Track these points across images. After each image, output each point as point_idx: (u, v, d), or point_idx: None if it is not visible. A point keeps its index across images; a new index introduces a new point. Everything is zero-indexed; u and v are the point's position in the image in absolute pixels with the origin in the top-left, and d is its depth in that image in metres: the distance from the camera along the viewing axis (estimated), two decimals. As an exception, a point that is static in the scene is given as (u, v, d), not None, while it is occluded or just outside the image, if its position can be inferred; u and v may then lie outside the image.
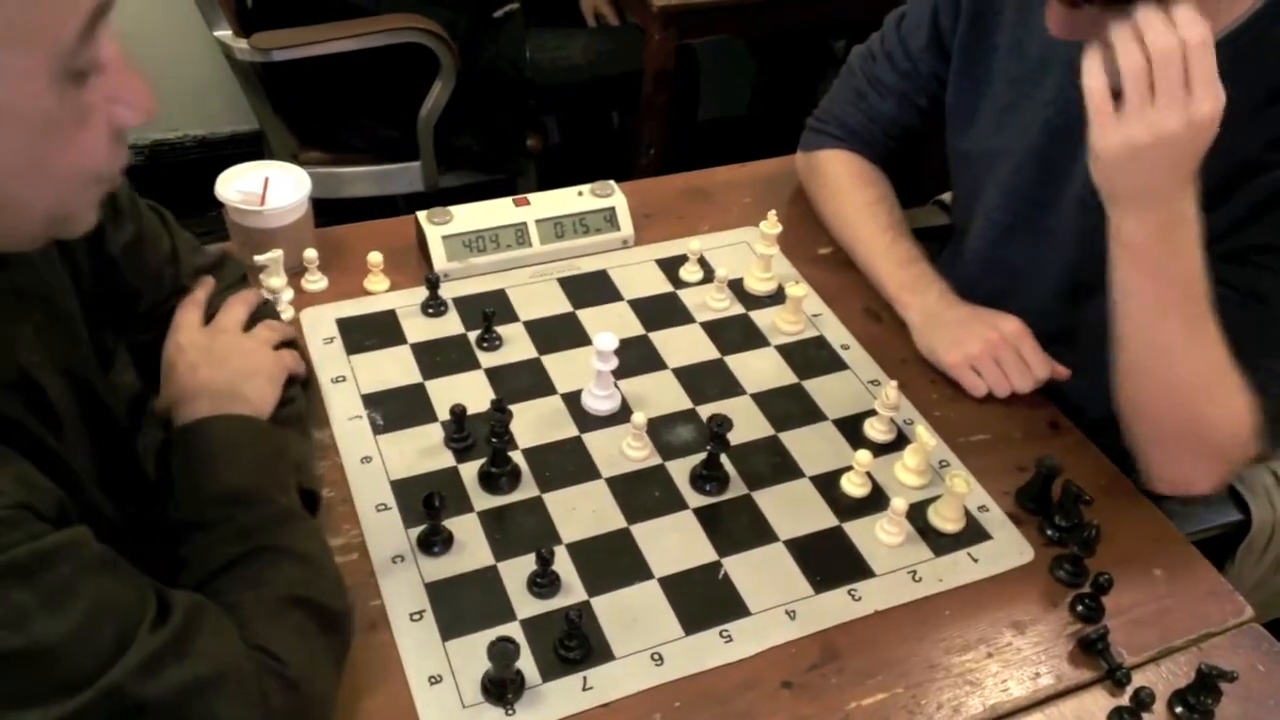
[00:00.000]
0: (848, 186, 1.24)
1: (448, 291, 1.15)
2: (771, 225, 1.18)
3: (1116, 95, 0.81)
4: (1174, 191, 0.83)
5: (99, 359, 0.82)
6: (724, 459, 0.97)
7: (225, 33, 1.80)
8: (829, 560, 0.92)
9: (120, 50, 0.62)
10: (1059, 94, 1.02)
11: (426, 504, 0.87)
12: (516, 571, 0.88)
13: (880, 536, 0.94)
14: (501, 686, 0.79)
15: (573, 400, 1.04)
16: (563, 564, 0.89)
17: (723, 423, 0.94)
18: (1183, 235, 0.85)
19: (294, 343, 0.98)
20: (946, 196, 1.56)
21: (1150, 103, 0.78)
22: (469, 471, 0.96)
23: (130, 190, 0.90)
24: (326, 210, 1.75)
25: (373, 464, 0.96)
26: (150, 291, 0.91)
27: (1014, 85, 1.08)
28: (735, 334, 1.14)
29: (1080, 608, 0.89)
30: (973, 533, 0.95)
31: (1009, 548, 0.94)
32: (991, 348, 1.06)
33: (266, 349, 0.90)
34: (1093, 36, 0.86)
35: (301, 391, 0.91)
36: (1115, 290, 0.90)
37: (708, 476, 0.96)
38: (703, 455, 0.97)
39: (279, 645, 0.70)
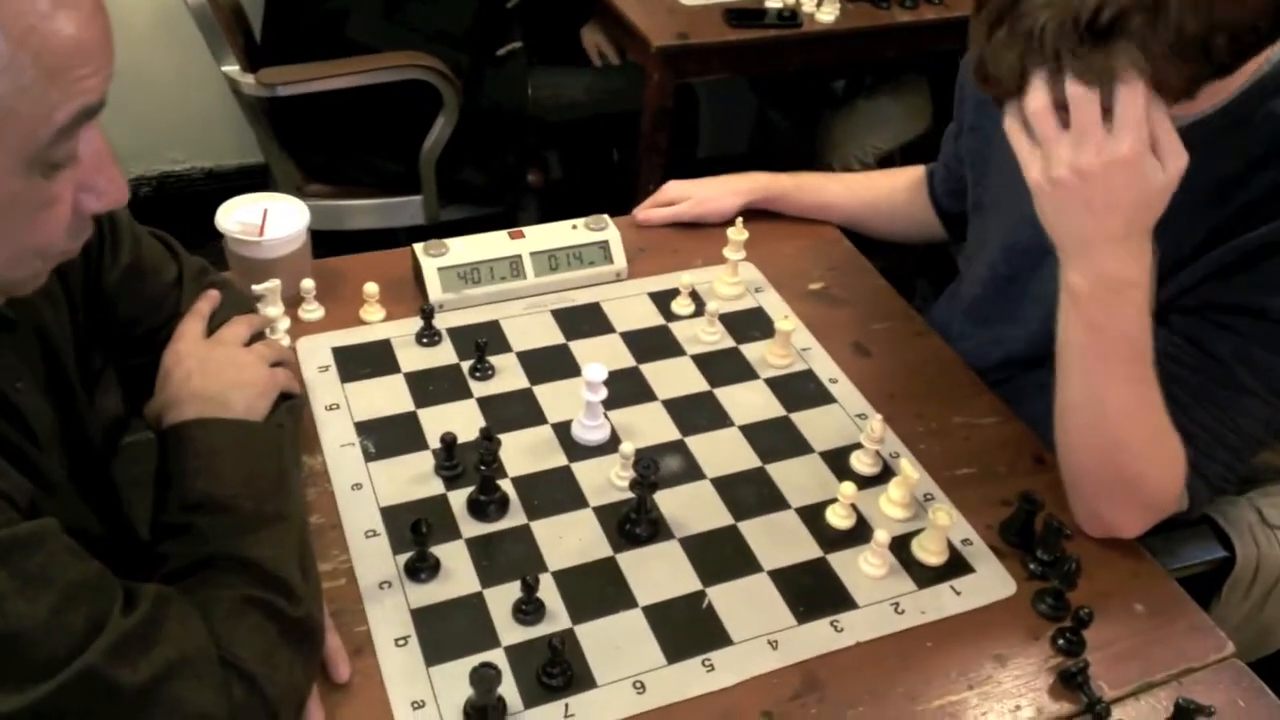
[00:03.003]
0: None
1: (442, 322, 1.17)
2: (739, 232, 1.22)
3: None
4: (1112, 246, 0.84)
5: (84, 381, 0.84)
6: (657, 503, 0.97)
7: (233, 68, 1.84)
8: (812, 591, 0.92)
9: (103, 143, 0.64)
10: None
11: (413, 530, 0.88)
12: (502, 598, 0.89)
13: (864, 568, 0.94)
14: (483, 713, 0.79)
15: (563, 430, 1.06)
16: (548, 592, 0.90)
17: (649, 465, 0.93)
18: (1126, 297, 0.86)
19: (289, 363, 0.99)
20: None
21: (1059, 138, 0.81)
22: (458, 499, 0.97)
23: (130, 219, 0.92)
24: (330, 242, 1.77)
25: (363, 491, 0.97)
26: (148, 318, 0.93)
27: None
28: (725, 367, 1.16)
29: (1061, 641, 0.89)
30: (956, 565, 0.95)
31: (992, 581, 0.95)
32: None
33: (261, 364, 0.92)
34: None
35: (288, 417, 0.92)
36: (1059, 334, 0.92)
37: (636, 520, 0.95)
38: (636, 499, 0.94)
39: (234, 642, 0.71)
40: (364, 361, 1.12)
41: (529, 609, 0.87)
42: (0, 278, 0.65)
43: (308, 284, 1.14)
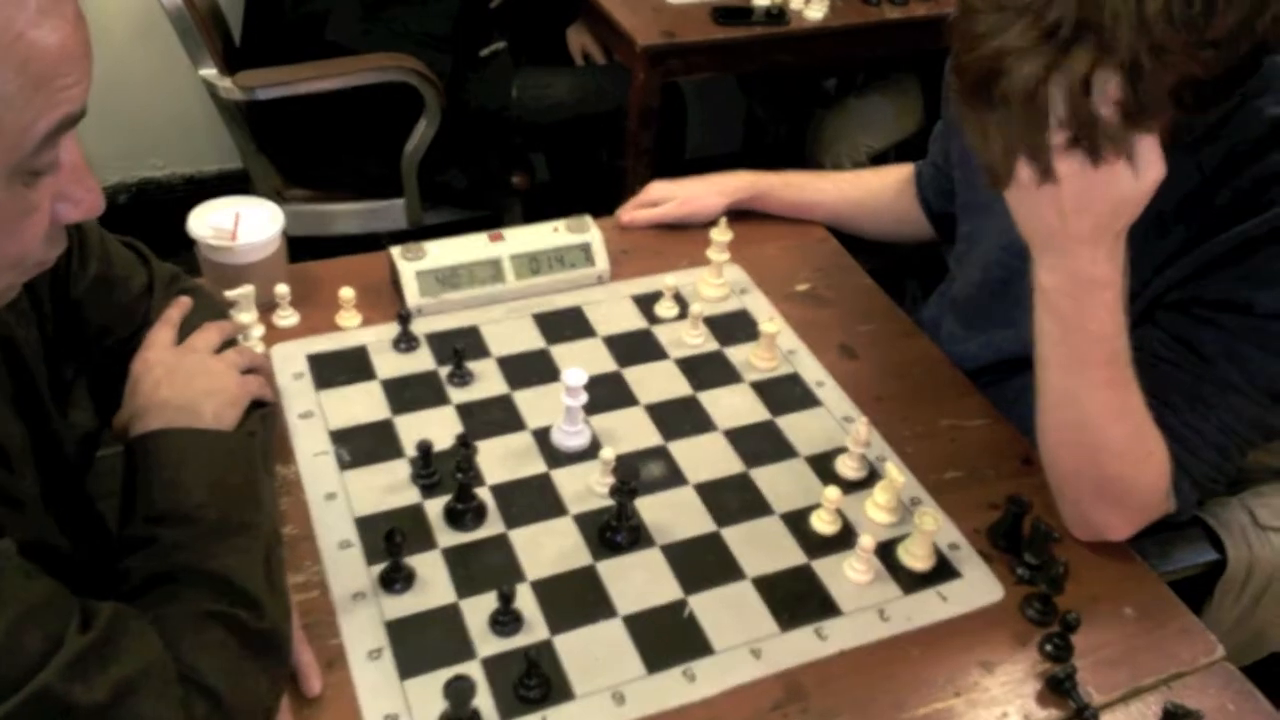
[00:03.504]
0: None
1: (420, 327, 1.15)
2: (722, 232, 1.21)
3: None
4: (1082, 247, 0.83)
5: (55, 395, 0.82)
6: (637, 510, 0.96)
7: (210, 71, 1.81)
8: (796, 598, 0.91)
9: (80, 152, 0.64)
10: None
11: (387, 540, 0.86)
12: (478, 609, 0.87)
13: (849, 574, 0.92)
14: (458, 727, 0.77)
15: (542, 436, 1.04)
16: (526, 602, 0.88)
17: (629, 472, 0.92)
18: (1097, 297, 0.85)
19: (262, 370, 0.97)
20: None
21: None
22: (435, 508, 0.95)
23: (98, 228, 0.91)
24: (311, 248, 1.75)
25: (337, 500, 0.95)
26: (119, 327, 0.91)
27: None
28: (709, 370, 1.14)
29: (1049, 647, 0.87)
30: (943, 571, 0.94)
31: (979, 586, 0.93)
32: None
33: (233, 372, 0.90)
34: None
35: (260, 425, 0.90)
36: (1034, 333, 0.91)
37: (616, 528, 0.94)
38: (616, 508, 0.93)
39: (195, 657, 0.69)
40: (339, 368, 1.09)
41: (506, 620, 0.85)
42: None
43: (282, 289, 1.12)
